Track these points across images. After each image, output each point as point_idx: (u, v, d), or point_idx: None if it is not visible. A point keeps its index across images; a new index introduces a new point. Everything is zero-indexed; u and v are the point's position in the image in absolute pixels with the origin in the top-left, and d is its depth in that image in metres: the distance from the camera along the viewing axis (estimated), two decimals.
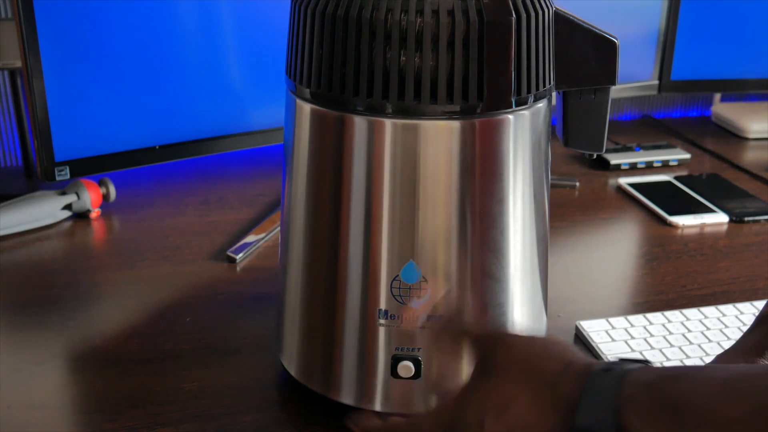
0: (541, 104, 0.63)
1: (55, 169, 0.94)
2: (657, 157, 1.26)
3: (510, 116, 0.60)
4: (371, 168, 0.59)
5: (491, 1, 0.56)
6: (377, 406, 0.64)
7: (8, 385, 0.70)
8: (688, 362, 0.74)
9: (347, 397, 0.65)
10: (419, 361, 0.62)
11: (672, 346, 0.76)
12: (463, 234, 0.60)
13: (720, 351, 0.76)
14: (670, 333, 0.78)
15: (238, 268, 0.91)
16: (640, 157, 1.26)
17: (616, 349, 0.75)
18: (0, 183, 1.16)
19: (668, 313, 0.81)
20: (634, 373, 0.45)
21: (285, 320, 0.69)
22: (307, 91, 0.61)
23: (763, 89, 1.41)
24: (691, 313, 0.82)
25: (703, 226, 1.05)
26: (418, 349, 0.62)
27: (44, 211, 0.99)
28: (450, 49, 0.56)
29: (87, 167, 0.97)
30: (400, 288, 0.61)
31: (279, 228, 0.85)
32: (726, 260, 0.96)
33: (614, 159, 1.24)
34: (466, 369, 0.63)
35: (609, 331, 0.78)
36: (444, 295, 0.60)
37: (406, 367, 0.62)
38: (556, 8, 0.62)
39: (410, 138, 0.58)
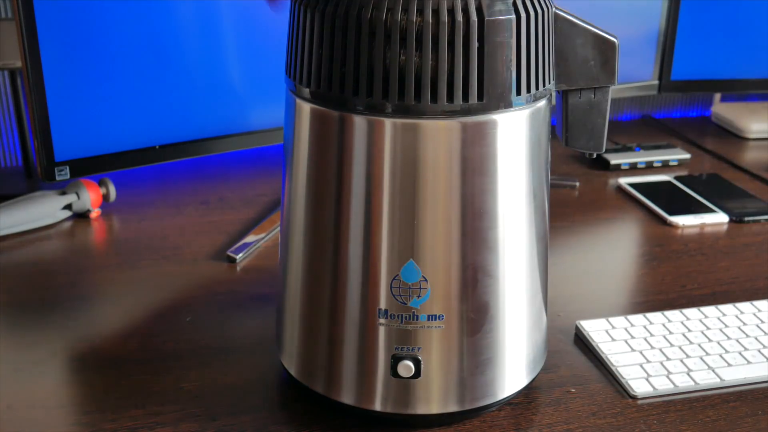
0: (541, 104, 0.63)
1: (55, 169, 0.94)
2: (657, 157, 1.26)
3: (510, 116, 0.60)
4: (371, 168, 0.59)
5: (491, 1, 0.56)
6: (377, 406, 0.64)
7: (8, 385, 0.70)
8: (688, 362, 0.74)
9: (347, 397, 0.65)
10: (419, 361, 0.62)
11: (672, 345, 0.76)
12: (463, 233, 0.60)
13: (720, 351, 0.76)
14: (670, 333, 0.78)
15: (238, 268, 0.91)
16: (640, 157, 1.26)
17: (616, 349, 0.75)
18: (0, 183, 1.16)
19: (668, 313, 0.81)
20: None
21: (285, 320, 0.69)
22: (307, 90, 0.61)
23: (763, 89, 1.41)
24: (691, 312, 0.82)
25: (703, 226, 1.05)
26: (418, 348, 0.62)
27: (44, 211, 0.99)
28: (450, 49, 0.56)
29: (87, 167, 0.97)
30: (400, 287, 0.61)
31: (279, 228, 0.85)
32: (726, 260, 0.96)
33: (614, 159, 1.24)
34: (465, 368, 0.63)
35: (609, 331, 0.78)
36: None
37: (406, 367, 0.62)
38: (556, 8, 0.62)
39: (410, 138, 0.58)
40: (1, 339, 0.77)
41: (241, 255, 0.93)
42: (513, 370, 0.66)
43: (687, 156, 1.28)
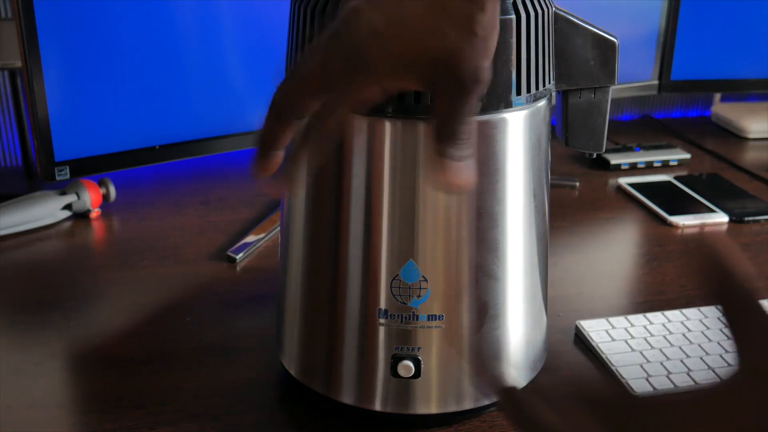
0: (541, 104, 0.63)
1: (55, 169, 0.94)
2: (657, 157, 1.26)
3: (510, 116, 0.60)
4: (371, 168, 0.59)
5: None
6: (377, 406, 0.64)
7: (8, 385, 0.70)
8: (688, 362, 0.74)
9: (347, 397, 0.65)
10: (419, 361, 0.62)
11: (672, 345, 0.76)
12: (462, 233, 0.60)
13: (720, 351, 0.76)
14: (670, 333, 0.78)
15: (238, 268, 0.91)
16: (640, 157, 1.26)
17: (616, 349, 0.75)
18: (0, 183, 1.16)
19: (668, 313, 0.81)
20: None
21: (285, 320, 0.69)
22: None
23: (763, 89, 1.41)
24: (691, 312, 0.82)
25: (703, 226, 1.05)
26: (418, 348, 0.62)
27: (44, 211, 0.99)
28: None
29: (87, 167, 0.97)
30: (400, 287, 0.61)
31: (279, 228, 0.85)
32: None
33: (614, 159, 1.24)
34: (466, 367, 0.63)
35: (609, 331, 0.78)
36: None
37: (406, 367, 0.62)
38: (556, 8, 0.62)
39: (410, 138, 0.58)
40: (1, 339, 0.77)
41: (241, 255, 0.93)
42: (513, 370, 0.66)
43: (687, 156, 1.28)
